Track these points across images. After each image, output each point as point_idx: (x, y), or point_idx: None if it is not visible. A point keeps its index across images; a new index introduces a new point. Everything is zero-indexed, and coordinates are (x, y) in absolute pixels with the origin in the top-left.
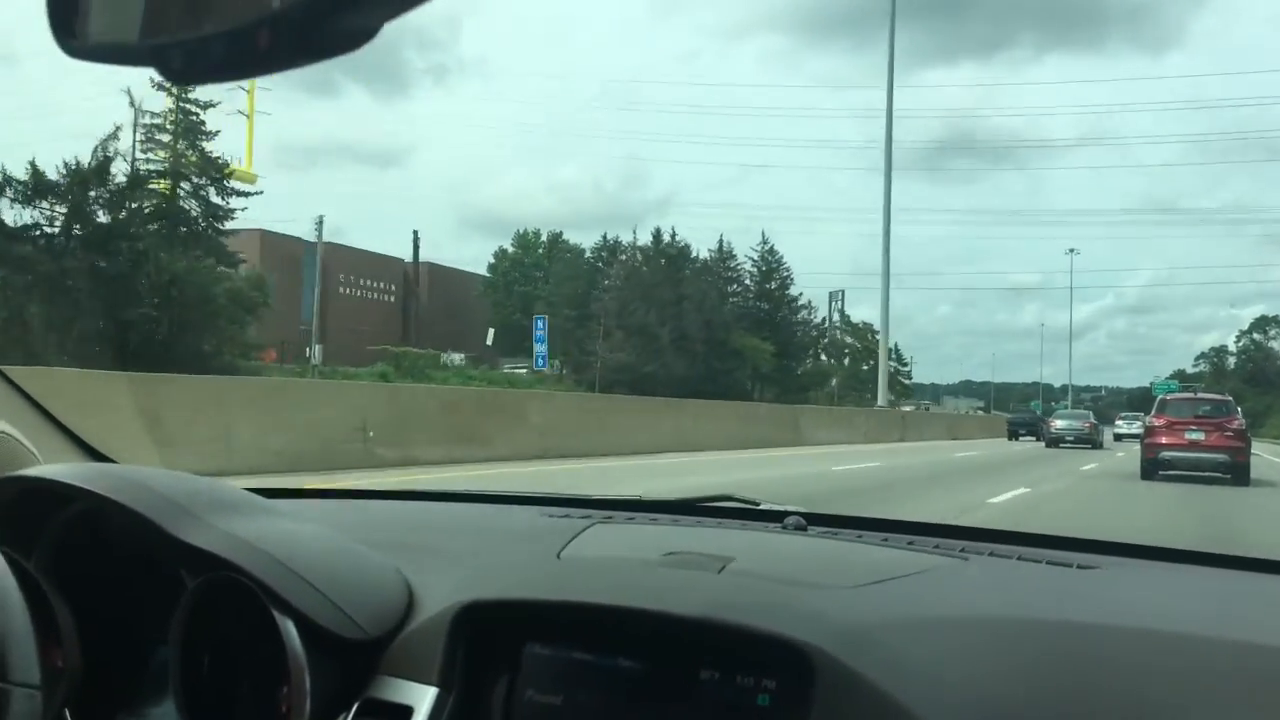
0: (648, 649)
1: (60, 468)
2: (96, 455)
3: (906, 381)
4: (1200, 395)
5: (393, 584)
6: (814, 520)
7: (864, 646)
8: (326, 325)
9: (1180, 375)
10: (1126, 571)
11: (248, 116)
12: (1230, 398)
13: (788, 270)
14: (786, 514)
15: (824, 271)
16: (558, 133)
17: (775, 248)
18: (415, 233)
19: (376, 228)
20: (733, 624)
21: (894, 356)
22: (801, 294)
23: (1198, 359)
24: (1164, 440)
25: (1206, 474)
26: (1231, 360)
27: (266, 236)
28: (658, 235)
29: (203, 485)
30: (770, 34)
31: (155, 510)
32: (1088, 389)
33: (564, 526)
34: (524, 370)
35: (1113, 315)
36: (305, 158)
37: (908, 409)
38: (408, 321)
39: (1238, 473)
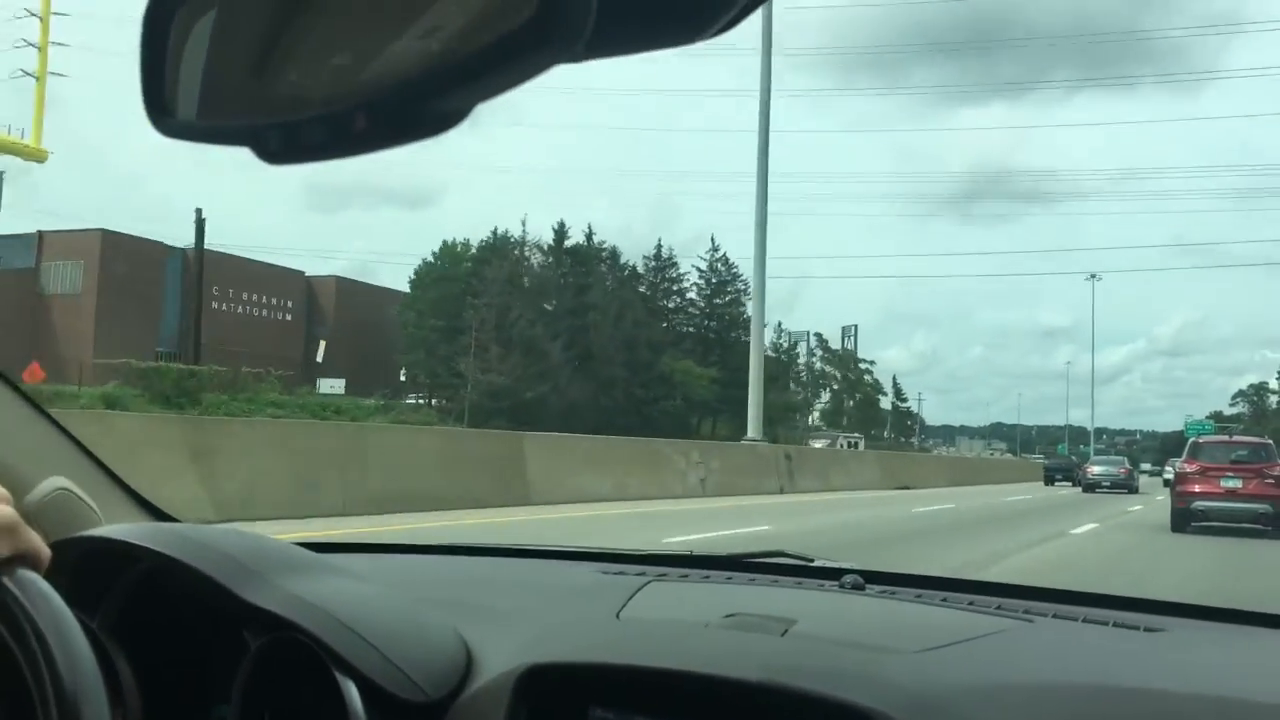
0: (712, 713)
1: (125, 528)
2: (156, 513)
3: (909, 419)
4: (1237, 439)
5: (451, 644)
6: (871, 578)
7: (933, 713)
8: (201, 344)
9: (1216, 417)
10: (1194, 634)
11: (38, 79)
12: (1271, 441)
13: (744, 284)
14: (842, 571)
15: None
16: (587, 174)
17: (729, 256)
18: (200, 218)
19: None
20: (799, 689)
21: (884, 389)
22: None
23: (1235, 398)
24: (1197, 488)
25: (1245, 525)
26: (1274, 399)
27: (110, 237)
28: (560, 231)
29: (264, 544)
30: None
31: (219, 570)
32: (1122, 432)
33: (619, 584)
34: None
35: (1146, 358)
36: (338, 198)
37: (820, 444)
38: (310, 342)
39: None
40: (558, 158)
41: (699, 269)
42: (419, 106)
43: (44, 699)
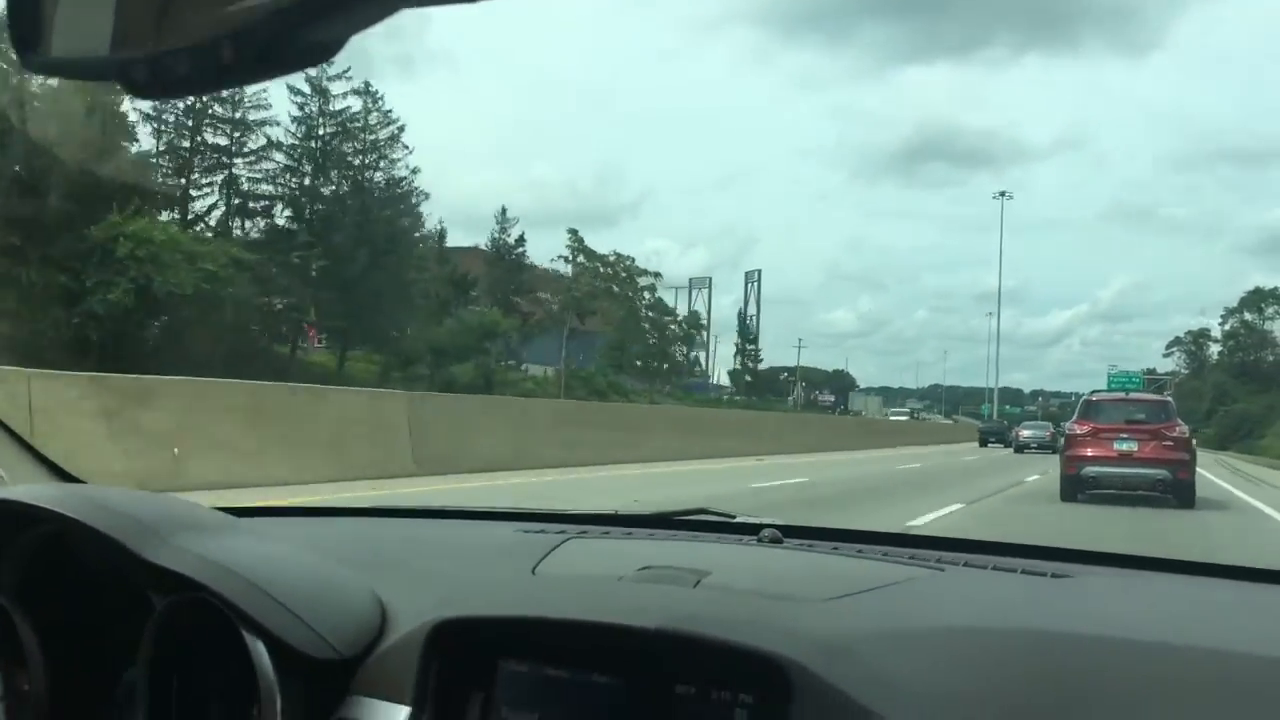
0: (623, 665)
1: (27, 489)
2: (63, 475)
3: (790, 375)
4: (1134, 396)
5: (365, 603)
6: (790, 533)
7: (841, 659)
8: None
9: (1150, 374)
10: (1100, 580)
11: None
12: (1170, 399)
13: (400, 124)
14: (762, 526)
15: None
16: (528, 128)
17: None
18: None
19: None
20: (708, 638)
21: (674, 313)
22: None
23: (1170, 347)
24: (1089, 452)
25: (1141, 493)
26: (1215, 349)
27: None
28: None
29: (172, 505)
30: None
31: (123, 532)
32: (1057, 394)
33: (539, 542)
34: None
35: (1087, 322)
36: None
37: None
38: None
39: (1180, 491)
40: (503, 117)
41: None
42: (288, 38)
43: None
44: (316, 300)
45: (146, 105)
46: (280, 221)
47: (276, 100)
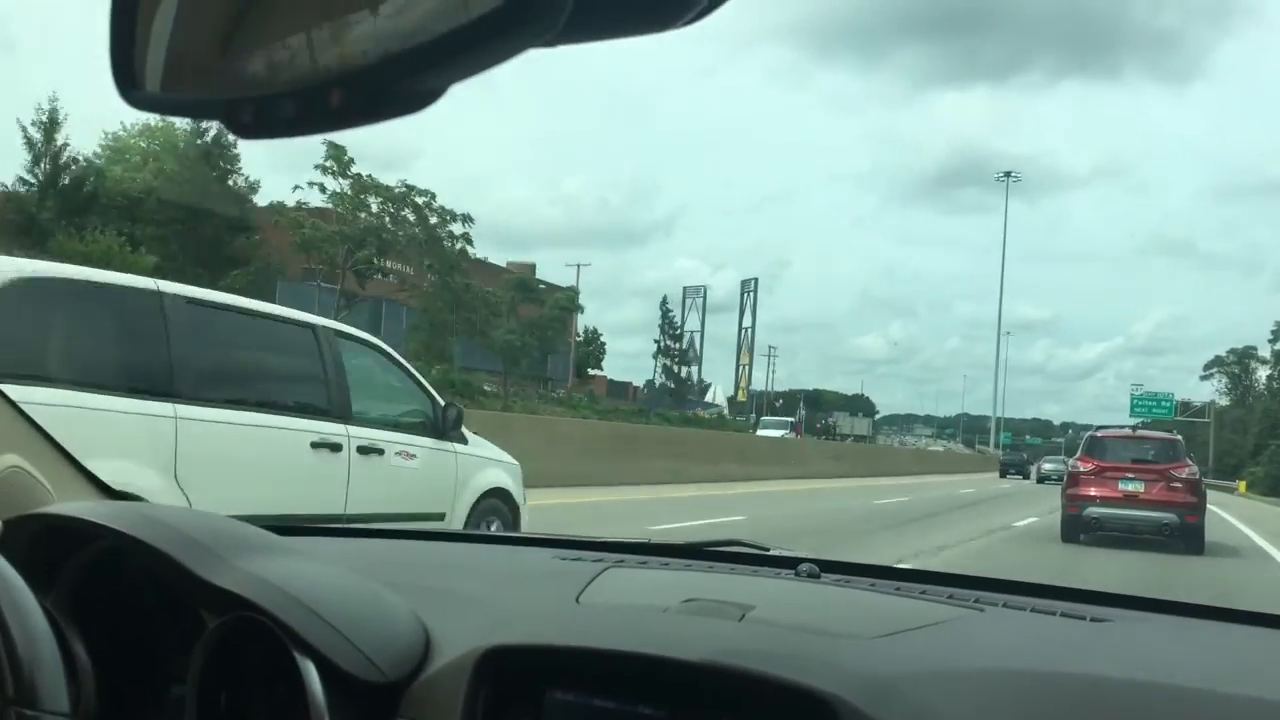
0: (669, 697)
1: (81, 505)
2: (109, 491)
3: (749, 384)
4: (1142, 433)
5: (410, 626)
6: (826, 567)
7: (886, 698)
8: None
9: (1183, 407)
10: (1140, 625)
11: None
12: (1180, 438)
13: None
14: (798, 560)
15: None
16: (561, 143)
17: None
18: None
19: None
20: (756, 673)
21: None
22: None
23: (1210, 368)
24: (1092, 492)
25: (1146, 536)
26: (1263, 372)
27: None
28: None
29: (222, 524)
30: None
31: (178, 549)
32: (1087, 427)
33: (578, 570)
34: None
35: (1121, 356)
36: (307, 156)
37: None
38: None
39: (1188, 536)
40: (536, 131)
41: None
42: (395, 84)
43: None
44: None
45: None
46: None
47: None
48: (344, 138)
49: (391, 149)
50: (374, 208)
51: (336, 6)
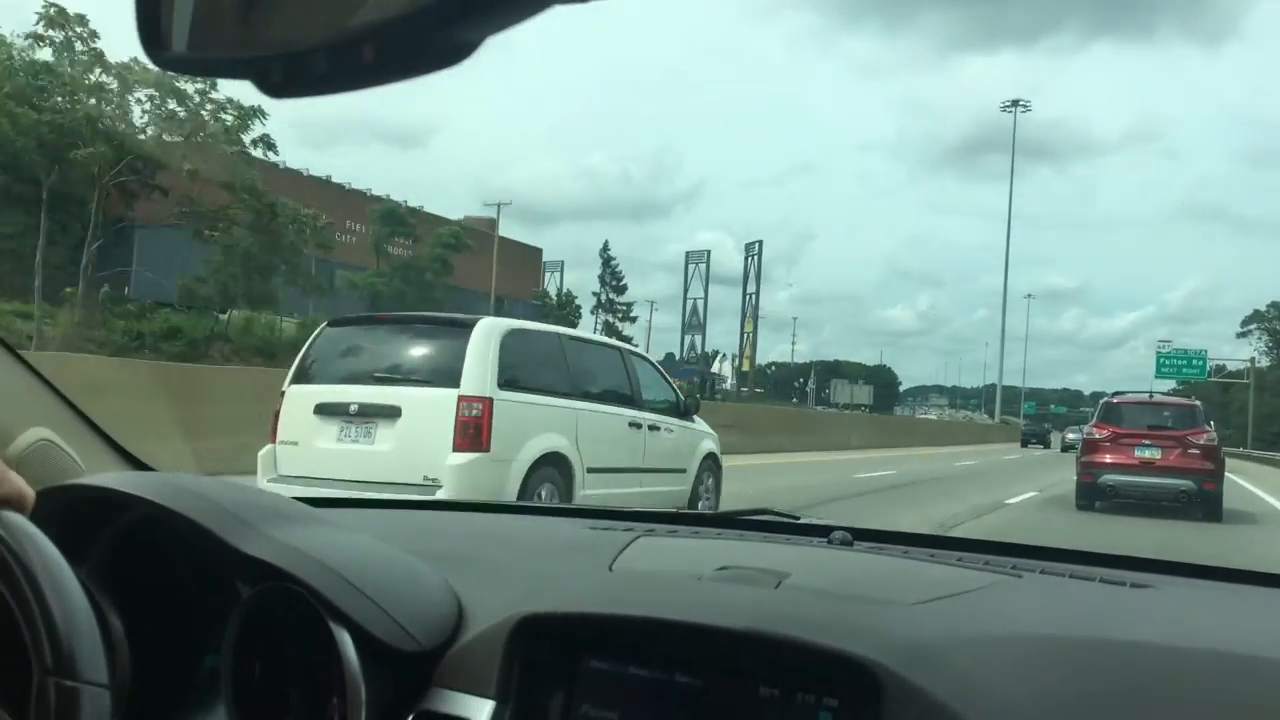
0: (706, 665)
1: (114, 476)
2: (137, 463)
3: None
4: (1160, 399)
5: (443, 595)
6: (858, 535)
7: (929, 663)
8: None
9: (1216, 371)
10: (1181, 590)
11: None
12: (1198, 403)
13: None
14: (830, 528)
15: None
16: (583, 117)
17: None
18: None
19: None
20: (795, 640)
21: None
22: None
23: (1247, 324)
24: (1107, 458)
25: (1163, 503)
26: None
27: None
28: None
29: (254, 495)
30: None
31: (213, 519)
32: (1117, 395)
33: (610, 539)
34: None
35: (1153, 325)
36: (328, 134)
37: None
38: None
39: (1206, 503)
40: (558, 106)
41: None
42: (428, 37)
43: (37, 640)
44: None
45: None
46: None
47: None
48: (359, 105)
49: (410, 124)
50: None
51: None
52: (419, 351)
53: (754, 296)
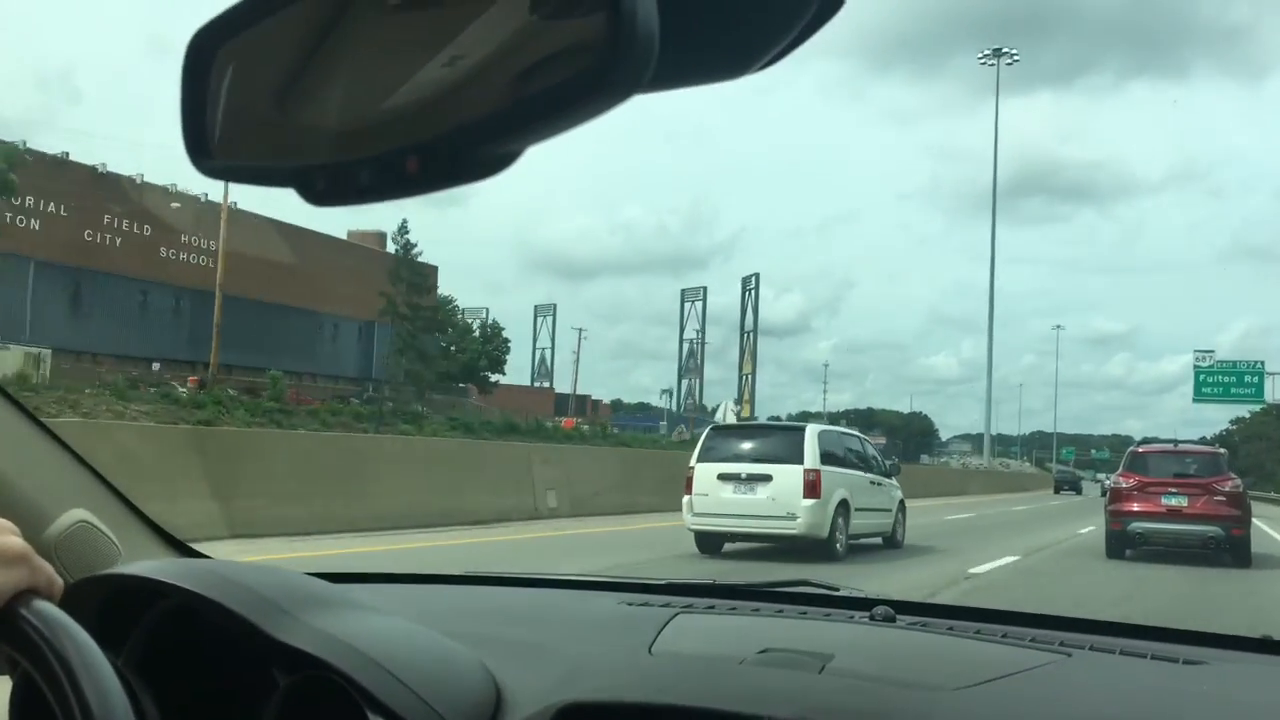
0: None
1: (152, 565)
2: (175, 544)
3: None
4: (1184, 448)
5: (480, 680)
6: (901, 609)
7: None
8: None
9: (1270, 410)
10: (1234, 667)
11: None
12: (1223, 450)
13: None
14: (871, 602)
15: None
16: (618, 171)
17: None
18: None
19: (443, 271)
20: None
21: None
22: None
23: None
24: (1135, 507)
25: (1192, 550)
26: None
27: None
28: None
29: (289, 579)
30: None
31: (248, 607)
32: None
33: (646, 616)
34: None
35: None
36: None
37: None
38: None
39: (1235, 549)
40: (593, 161)
41: None
42: (474, 150)
43: None
44: None
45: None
46: None
47: None
48: None
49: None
50: None
51: (411, 74)
52: (777, 443)
53: (751, 335)
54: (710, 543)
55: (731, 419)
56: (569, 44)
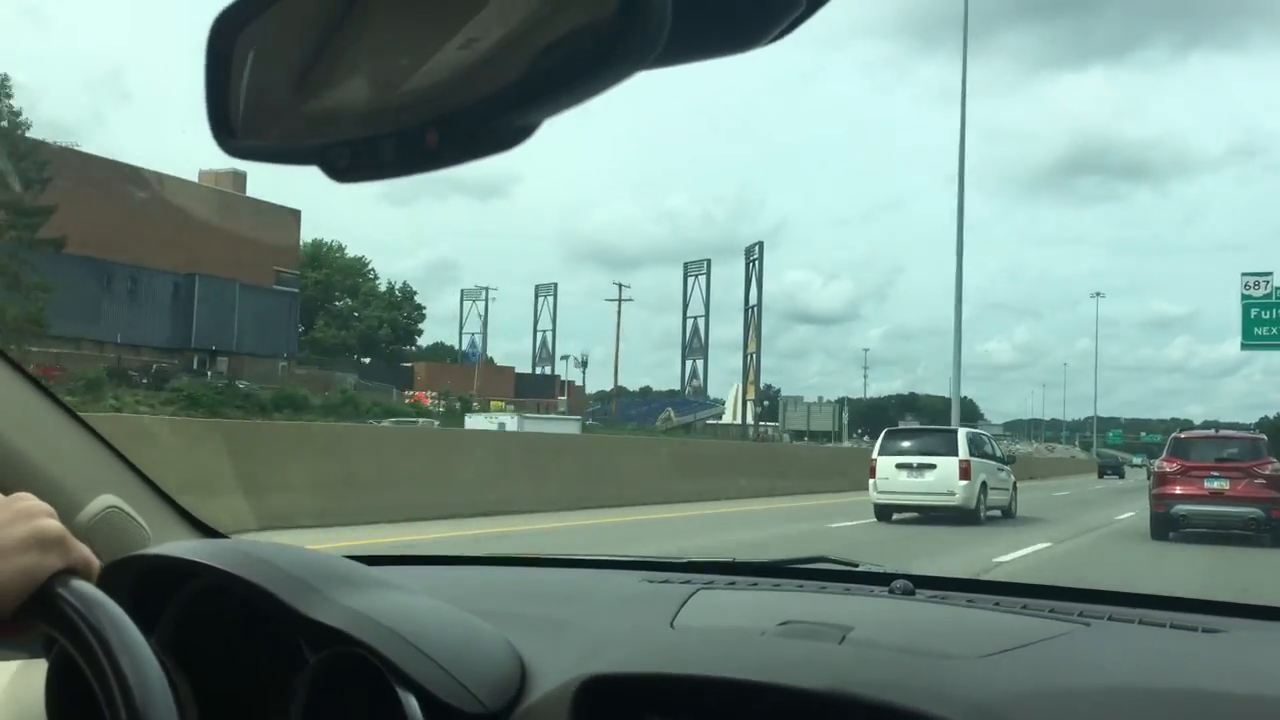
0: None
1: (183, 545)
2: (203, 528)
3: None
4: (1225, 433)
5: (505, 655)
6: (920, 583)
7: (997, 719)
8: None
9: None
10: (1254, 635)
11: None
12: (1264, 436)
13: None
14: (890, 576)
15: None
16: (661, 158)
17: None
18: None
19: (488, 262)
20: (865, 698)
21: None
22: None
23: None
24: (1178, 490)
25: (1234, 531)
26: None
27: None
28: None
29: (316, 558)
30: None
31: (279, 585)
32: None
33: (668, 592)
34: None
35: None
36: (409, 189)
37: None
38: None
39: (1275, 530)
40: (635, 149)
41: None
42: (491, 122)
43: (112, 706)
44: None
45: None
46: None
47: None
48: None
49: (490, 174)
50: None
51: (428, 49)
52: (938, 441)
53: (755, 310)
54: (885, 513)
55: (731, 403)
56: (582, 16)
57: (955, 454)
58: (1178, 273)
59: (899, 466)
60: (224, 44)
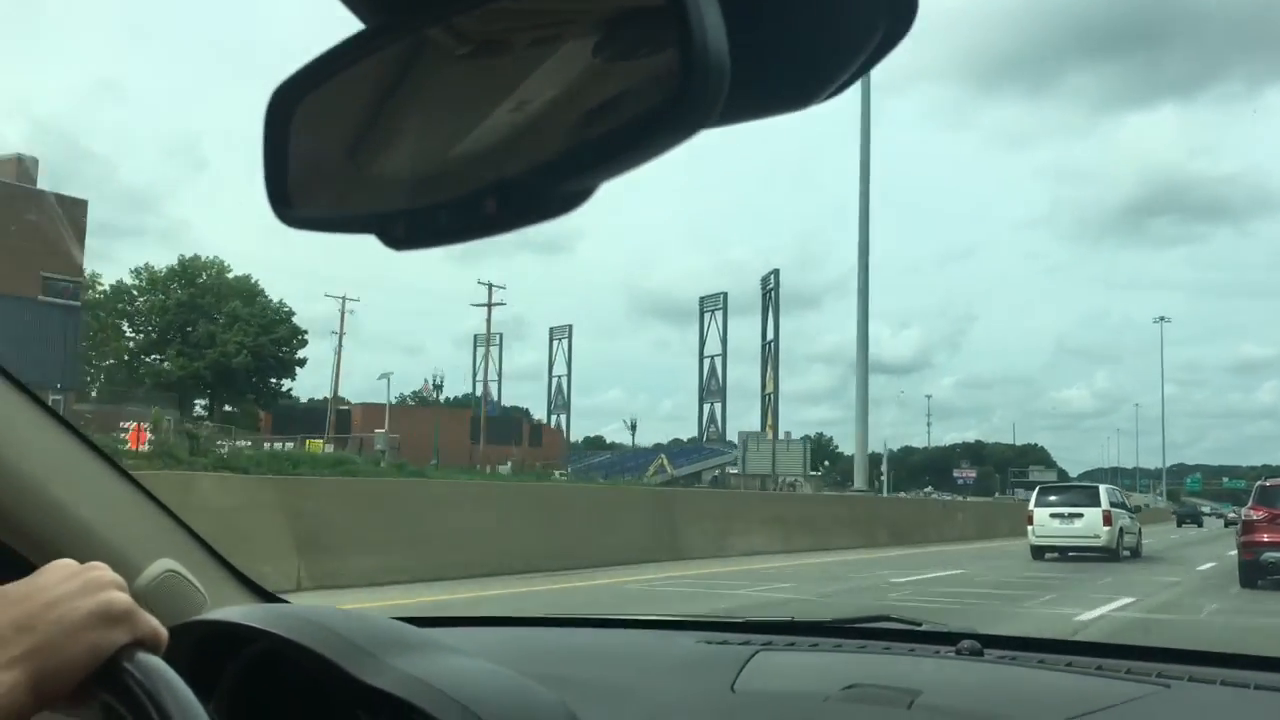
0: None
1: (240, 610)
2: (259, 591)
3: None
4: None
5: None
6: (988, 642)
7: None
8: None
9: None
10: None
11: None
12: None
13: None
14: (956, 635)
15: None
16: (725, 210)
17: None
18: None
19: (555, 317)
20: None
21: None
22: None
23: None
24: (1265, 538)
25: None
26: None
27: None
28: None
29: (374, 623)
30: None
31: (335, 650)
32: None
33: (726, 654)
34: None
35: None
36: (476, 249)
37: None
38: None
39: None
40: (697, 202)
41: None
42: (550, 188)
43: None
44: None
45: None
46: None
47: None
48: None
49: (555, 230)
50: None
51: (483, 120)
52: (1082, 495)
53: (773, 346)
54: (1039, 552)
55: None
56: (640, 79)
57: (1099, 505)
58: (1267, 315)
59: (1052, 515)
60: (281, 116)
